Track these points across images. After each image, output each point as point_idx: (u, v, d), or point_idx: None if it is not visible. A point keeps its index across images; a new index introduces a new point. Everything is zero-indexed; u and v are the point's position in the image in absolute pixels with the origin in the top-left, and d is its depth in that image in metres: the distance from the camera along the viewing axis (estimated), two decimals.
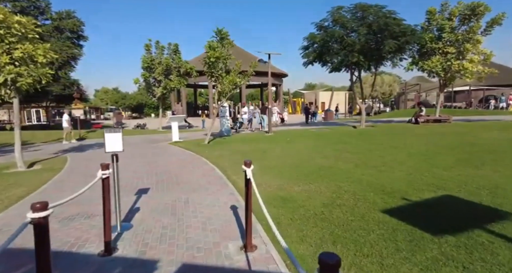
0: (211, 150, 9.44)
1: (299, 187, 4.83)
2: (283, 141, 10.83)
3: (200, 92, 64.24)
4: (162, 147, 10.82)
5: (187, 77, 20.71)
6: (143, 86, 19.40)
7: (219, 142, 11.58)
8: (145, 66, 18.69)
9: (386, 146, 8.46)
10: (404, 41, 11.33)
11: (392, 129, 12.89)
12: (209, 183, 5.39)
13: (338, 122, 21.88)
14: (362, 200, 4.05)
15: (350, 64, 13.40)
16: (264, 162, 6.95)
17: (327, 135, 12.14)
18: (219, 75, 10.36)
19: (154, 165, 7.28)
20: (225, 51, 10.37)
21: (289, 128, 17.65)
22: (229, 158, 7.75)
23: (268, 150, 8.79)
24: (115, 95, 58.58)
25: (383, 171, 5.60)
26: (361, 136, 11.12)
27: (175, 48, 19.60)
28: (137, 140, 14.23)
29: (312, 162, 6.70)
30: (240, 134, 14.53)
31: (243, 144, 10.57)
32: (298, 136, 12.11)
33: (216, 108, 11.14)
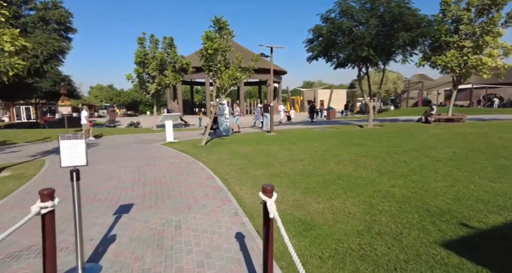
0: (209, 152, 8.46)
1: (319, 204, 3.89)
2: (288, 142, 9.88)
3: (197, 89, 63.15)
4: (155, 149, 9.82)
5: (183, 73, 19.64)
6: (136, 82, 18.29)
7: (218, 143, 10.60)
8: (138, 61, 17.57)
9: (405, 148, 7.55)
10: (419, 33, 10.39)
11: (403, 129, 11.99)
12: (207, 197, 4.42)
13: (341, 121, 20.99)
14: (407, 225, 3.11)
15: (358, 59, 12.45)
16: (270, 169, 5.99)
17: (334, 135, 11.20)
18: (217, 69, 9.36)
19: (143, 172, 6.29)
20: (224, 42, 9.37)
21: (291, 127, 16.71)
22: (229, 163, 6.78)
23: (273, 152, 7.84)
24: (110, 92, 57.17)
25: (416, 181, 4.67)
26: (372, 136, 10.20)
27: (170, 42, 18.48)
28: (129, 139, 13.20)
29: (327, 169, 5.76)
30: (240, 134, 13.55)
31: (244, 145, 9.60)
32: (303, 137, 11.17)
33: (215, 106, 10.16)
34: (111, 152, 9.22)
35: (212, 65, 9.30)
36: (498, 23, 11.32)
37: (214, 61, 9.27)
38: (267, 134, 12.78)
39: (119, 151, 9.59)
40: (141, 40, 17.78)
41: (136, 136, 14.52)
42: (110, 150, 9.84)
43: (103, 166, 7.00)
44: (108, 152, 9.23)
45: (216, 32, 9.43)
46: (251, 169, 6.04)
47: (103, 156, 8.46)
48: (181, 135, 14.33)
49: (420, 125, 13.38)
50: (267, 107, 16.94)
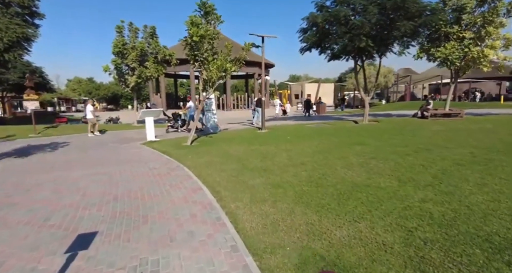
0: (195, 154, 7.44)
1: (341, 230, 3.01)
2: (283, 140, 8.99)
3: (182, 82, 61.15)
4: (133, 149, 8.68)
5: (166, 65, 18.27)
6: (115, 75, 16.80)
7: (205, 142, 9.56)
8: (116, 51, 16.08)
9: (414, 148, 6.81)
10: (422, 22, 9.64)
11: (402, 125, 11.35)
12: (194, 219, 3.45)
13: (333, 116, 20.33)
14: (475, 269, 2.28)
15: (354, 50, 11.63)
16: (269, 176, 5.07)
17: (331, 132, 10.41)
18: (204, 59, 8.27)
19: (116, 181, 5.22)
20: (211, 28, 8.27)
21: (283, 123, 15.84)
22: (220, 168, 5.81)
23: (269, 154, 6.91)
24: (89, 85, 54.27)
25: (448, 193, 3.88)
26: (373, 134, 9.47)
27: (152, 31, 17.06)
28: (105, 138, 11.91)
29: (337, 176, 4.90)
30: (229, 132, 12.53)
31: (235, 145, 8.63)
32: (299, 134, 10.31)
33: (202, 101, 9.08)
34: (81, 155, 8.01)
35: (198, 55, 8.20)
36: (500, 12, 10.78)
37: (200, 50, 8.17)
38: (259, 132, 11.83)
39: (91, 152, 8.38)
40: (119, 28, 16.29)
41: (114, 134, 13.22)
42: (80, 151, 8.61)
43: (67, 173, 5.86)
44: (77, 155, 8.01)
45: (202, 17, 8.30)
46: (246, 177, 5.10)
47: (71, 160, 7.26)
48: (164, 133, 13.16)
49: (417, 121, 12.83)
50: (259, 101, 15.96)
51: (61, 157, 7.74)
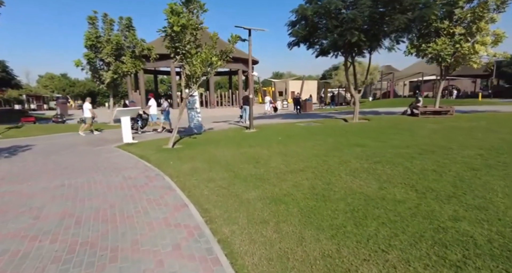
0: (178, 159, 6.60)
1: (370, 266, 2.34)
2: (274, 141, 8.30)
3: (162, 78, 59.14)
4: (107, 154, 7.69)
5: (145, 60, 17.08)
6: (88, 70, 15.44)
7: (189, 143, 8.70)
8: (88, 44, 14.77)
9: (417, 150, 6.31)
10: (417, 16, 9.19)
11: (395, 124, 10.96)
12: (178, 253, 2.68)
13: (319, 114, 19.90)
14: None
15: (345, 45, 11.09)
16: (266, 186, 4.36)
17: (324, 132, 9.83)
18: (186, 51, 7.39)
19: (81, 197, 4.32)
20: (194, 18, 7.40)
21: (271, 121, 15.17)
22: (208, 177, 5.03)
23: (262, 158, 6.19)
24: (62, 81, 51.25)
25: (481, 208, 3.31)
26: (368, 134, 8.97)
27: (128, 23, 15.82)
28: (77, 140, 10.76)
29: (343, 185, 4.26)
30: (214, 132, 11.69)
31: (222, 147, 7.84)
32: (290, 134, 9.65)
33: (185, 99, 8.17)
34: (44, 162, 6.94)
35: (180, 47, 7.31)
36: (490, 8, 10.57)
37: (181, 41, 7.28)
38: (246, 131, 11.08)
39: (57, 158, 7.33)
40: (92, 19, 14.95)
41: (87, 135, 12.02)
42: (44, 157, 7.52)
43: (21, 187, 4.87)
44: (39, 162, 6.94)
45: (183, 5, 7.40)
46: (240, 188, 4.36)
47: (30, 169, 6.22)
48: (143, 134, 12.13)
49: (409, 119, 12.53)
50: (246, 99, 15.19)
51: (18, 165, 6.65)
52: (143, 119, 12.32)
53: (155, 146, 8.44)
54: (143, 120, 12.27)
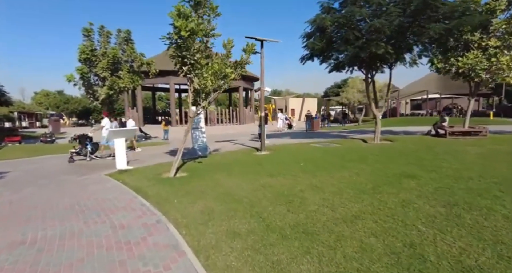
0: (184, 194, 5.17)
1: None
2: (296, 168, 6.93)
3: (160, 95, 58.29)
4: (94, 185, 6.23)
5: (143, 76, 15.92)
6: (81, 85, 14.17)
7: (195, 170, 7.28)
8: (83, 57, 13.57)
9: (489, 183, 4.98)
10: (455, 24, 8.15)
11: (427, 146, 9.67)
12: None
13: (329, 132, 18.66)
14: None
15: (367, 58, 10.03)
16: (319, 248, 2.96)
17: (350, 156, 8.50)
18: (195, 61, 6.16)
19: (44, 267, 2.86)
20: (205, 22, 6.24)
21: (281, 141, 13.85)
22: (229, 228, 3.61)
23: (292, 194, 4.80)
24: (57, 98, 50.00)
25: None
26: (404, 159, 7.66)
27: (127, 36, 14.78)
28: (62, 164, 9.28)
29: (436, 250, 2.87)
30: (221, 154, 10.30)
31: (236, 176, 6.45)
32: (310, 158, 8.30)
33: (191, 118, 6.84)
34: (12, 197, 5.46)
35: (188, 56, 6.08)
36: None
37: (189, 49, 6.06)
38: (258, 154, 9.72)
39: (30, 192, 5.85)
40: (87, 31, 13.85)
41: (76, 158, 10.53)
42: (16, 190, 6.04)
43: None
44: (6, 197, 5.46)
45: (191, 9, 6.26)
46: (282, 253, 2.94)
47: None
48: (140, 156, 10.71)
49: (437, 140, 11.27)
50: (265, 117, 14.00)
51: None
52: (94, 143, 10.27)
53: (153, 174, 7.01)
54: (93, 144, 10.21)
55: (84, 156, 9.89)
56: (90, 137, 10.32)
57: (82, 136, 10.31)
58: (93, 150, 10.13)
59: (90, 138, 10.27)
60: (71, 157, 9.60)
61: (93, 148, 10.10)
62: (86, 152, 9.87)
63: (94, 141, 10.36)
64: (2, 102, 25.33)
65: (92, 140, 10.32)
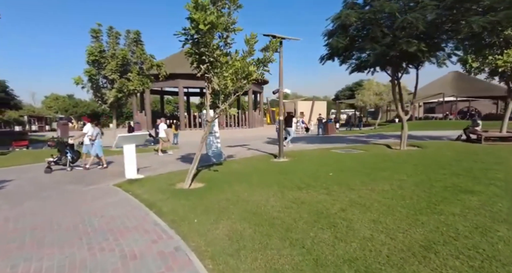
0: (204, 211, 4.45)
1: None
2: (326, 178, 6.17)
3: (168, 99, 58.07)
4: (101, 199, 5.55)
5: (153, 78, 15.39)
6: (89, 88, 13.70)
7: (211, 180, 6.56)
8: (91, 59, 13.11)
9: None
10: (505, 16, 7.23)
11: (464, 153, 8.79)
12: None
13: (346, 137, 17.79)
14: None
15: (394, 57, 9.23)
16: None
17: (380, 164, 7.70)
18: (214, 59, 5.47)
19: None
20: (225, 16, 5.56)
21: (297, 146, 13.06)
22: (267, 262, 2.86)
23: (332, 214, 4.04)
24: (66, 102, 50.20)
25: None
26: (446, 168, 6.81)
27: (136, 37, 14.29)
28: (67, 171, 8.66)
29: None
30: (237, 161, 9.57)
31: (259, 187, 5.70)
32: (338, 167, 7.51)
33: (208, 123, 6.12)
34: (9, 213, 4.81)
35: (206, 53, 5.40)
36: None
37: (208, 46, 5.39)
38: (276, 161, 8.98)
39: (30, 207, 5.20)
40: (96, 32, 13.42)
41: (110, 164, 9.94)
42: (15, 203, 5.40)
43: None
44: (2, 213, 4.81)
45: (209, 1, 5.58)
46: None
47: None
48: (150, 161, 10.07)
49: (472, 146, 10.33)
50: (290, 119, 13.36)
51: None
52: (75, 151, 9.19)
53: (166, 185, 6.32)
54: (74, 152, 9.12)
55: (63, 165, 8.83)
56: (71, 144, 9.19)
57: (61, 143, 9.22)
58: (74, 159, 9.05)
59: (71, 146, 9.14)
60: (48, 166, 8.56)
61: (73, 157, 9.01)
62: (66, 161, 8.81)
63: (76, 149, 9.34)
64: (12, 106, 25.18)
65: (73, 147, 9.21)
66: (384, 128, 23.83)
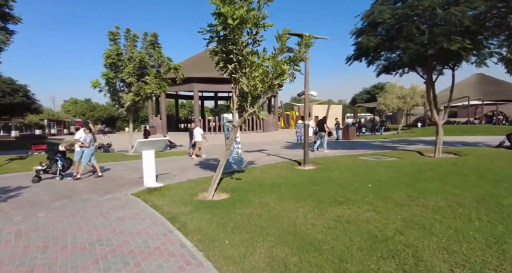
0: (234, 229, 3.88)
1: None
2: (364, 190, 5.50)
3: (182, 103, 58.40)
4: (118, 211, 5.07)
5: (170, 81, 15.10)
6: (106, 92, 13.52)
7: (235, 190, 6.00)
8: (109, 62, 12.93)
9: None
10: None
11: None
12: None
13: (368, 142, 16.93)
14: None
15: (434, 56, 8.48)
16: None
17: (422, 174, 6.95)
18: (243, 57, 4.94)
19: None
20: (255, 10, 5.03)
21: (318, 152, 12.36)
22: None
23: (388, 236, 3.39)
24: (84, 106, 51.23)
25: None
26: (508, 180, 6.00)
27: (153, 39, 14.05)
28: (83, 179, 8.30)
29: None
30: (259, 168, 8.98)
31: (289, 200, 5.10)
32: (373, 176, 6.81)
33: (235, 128, 5.57)
34: (19, 227, 4.38)
35: (234, 51, 4.87)
36: None
37: (237, 43, 4.86)
38: (302, 169, 8.34)
39: (43, 219, 4.77)
40: (113, 35, 13.25)
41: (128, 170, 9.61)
42: (29, 214, 5.00)
43: None
44: (14, 227, 4.38)
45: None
46: None
47: None
48: (168, 167, 9.66)
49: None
50: (322, 123, 12.84)
51: None
52: (66, 159, 8.37)
53: (188, 195, 5.80)
54: (65, 160, 8.31)
55: (53, 174, 8.13)
56: (62, 151, 8.38)
57: (51, 150, 8.52)
58: (65, 167, 8.25)
59: (62, 153, 8.35)
60: (36, 175, 7.86)
61: (64, 165, 8.22)
62: (56, 169, 8.09)
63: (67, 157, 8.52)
64: (33, 110, 25.62)
65: (65, 154, 8.45)
66: (407, 133, 22.70)
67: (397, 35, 8.83)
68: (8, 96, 21.65)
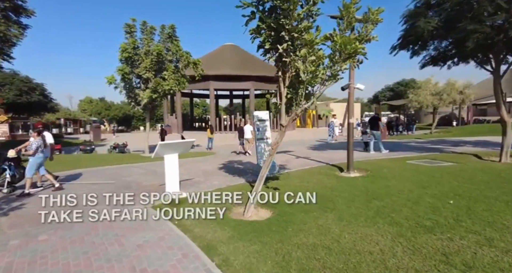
0: (299, 270, 2.71)
1: None
2: (448, 208, 4.23)
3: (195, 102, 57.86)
4: (137, 235, 3.99)
5: (189, 78, 14.09)
6: (122, 88, 12.64)
7: (278, 206, 4.82)
8: (124, 56, 12.02)
9: None
10: None
11: None
12: None
13: (402, 143, 15.41)
14: None
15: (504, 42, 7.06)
16: None
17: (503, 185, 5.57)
18: (299, 35, 3.75)
19: None
20: None
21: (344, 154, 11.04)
22: None
23: None
24: (99, 105, 51.38)
25: None
26: None
27: (171, 32, 13.05)
28: (94, 188, 7.32)
29: None
30: (295, 175, 7.77)
31: (354, 221, 3.91)
32: (444, 187, 5.50)
33: (283, 128, 4.40)
34: (11, 258, 3.37)
35: (287, 27, 3.69)
36: None
37: (289, 17, 3.68)
38: (347, 176, 7.09)
39: (43, 243, 3.75)
40: (129, 27, 12.34)
41: (112, 175, 8.68)
42: (30, 235, 4.00)
43: None
44: (8, 256, 3.38)
45: None
46: None
47: None
48: (189, 170, 8.62)
49: None
50: (375, 121, 11.67)
51: None
52: (19, 167, 6.60)
53: (220, 209, 4.67)
54: (17, 169, 6.53)
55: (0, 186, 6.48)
56: (14, 158, 6.57)
57: None
58: (15, 178, 6.53)
59: (15, 160, 6.62)
60: None
61: (15, 174, 6.50)
62: (3, 180, 6.45)
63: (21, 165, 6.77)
64: (49, 109, 25.35)
65: (19, 162, 6.74)
66: (442, 133, 20.87)
67: (459, 16, 7.42)
68: (25, 94, 21.33)
